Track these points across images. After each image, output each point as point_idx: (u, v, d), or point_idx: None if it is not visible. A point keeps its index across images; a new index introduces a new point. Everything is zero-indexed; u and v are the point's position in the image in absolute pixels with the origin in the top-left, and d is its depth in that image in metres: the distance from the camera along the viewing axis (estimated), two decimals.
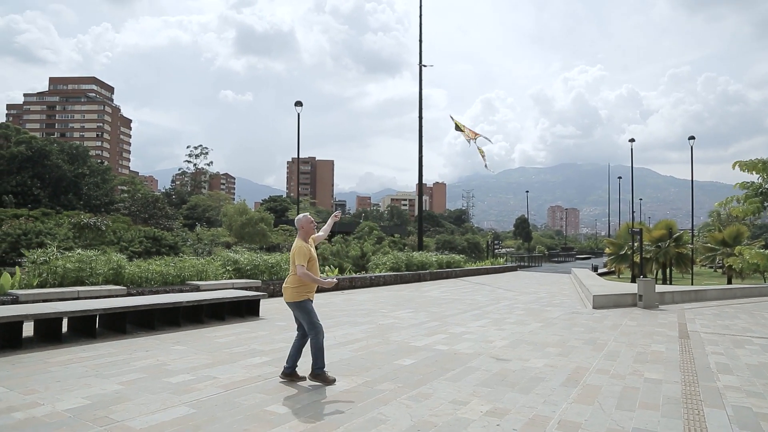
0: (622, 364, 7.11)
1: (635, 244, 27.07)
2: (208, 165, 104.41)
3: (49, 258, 9.89)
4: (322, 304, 13.01)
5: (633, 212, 41.09)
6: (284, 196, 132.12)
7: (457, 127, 21.58)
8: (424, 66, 28.13)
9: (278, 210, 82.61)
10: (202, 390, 5.29)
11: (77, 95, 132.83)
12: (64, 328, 7.90)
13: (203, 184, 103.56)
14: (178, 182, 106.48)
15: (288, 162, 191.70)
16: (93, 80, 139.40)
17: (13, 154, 66.81)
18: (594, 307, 13.84)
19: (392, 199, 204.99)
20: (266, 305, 11.51)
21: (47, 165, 69.41)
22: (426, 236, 73.10)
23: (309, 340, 5.62)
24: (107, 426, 4.21)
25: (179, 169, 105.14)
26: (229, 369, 6.16)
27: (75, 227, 35.66)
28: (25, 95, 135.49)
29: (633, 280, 27.48)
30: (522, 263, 47.74)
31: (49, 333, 7.43)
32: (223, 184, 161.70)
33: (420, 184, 28.71)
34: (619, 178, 55.29)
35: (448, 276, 24.23)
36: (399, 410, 4.86)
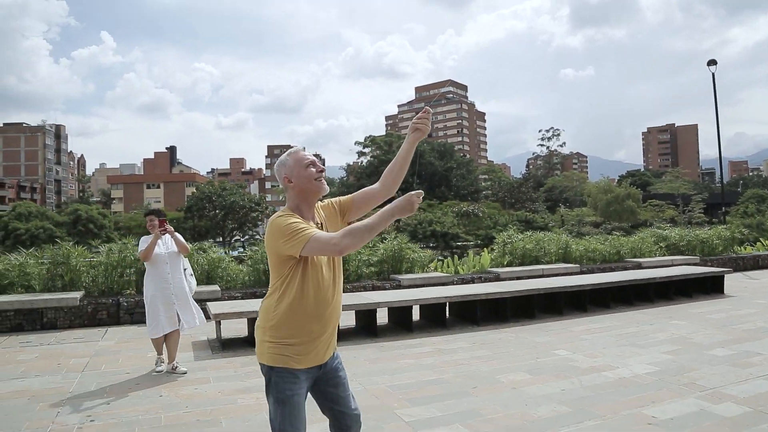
0: None
1: None
2: (561, 146, 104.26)
3: (513, 240, 11.19)
4: None
5: None
6: (642, 169, 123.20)
7: None
8: None
9: (638, 185, 77.44)
10: None
11: (438, 98, 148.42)
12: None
13: (556, 166, 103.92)
14: (531, 166, 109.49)
15: (643, 132, 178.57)
16: (449, 83, 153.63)
17: None
18: None
19: None
20: None
21: (423, 163, 79.69)
22: None
23: None
24: (687, 385, 4.44)
25: (533, 153, 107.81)
26: None
27: (458, 215, 40.05)
28: (398, 106, 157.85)
29: None
30: None
31: (550, 304, 8.31)
32: (575, 163, 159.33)
33: None
34: None
35: None
36: None
